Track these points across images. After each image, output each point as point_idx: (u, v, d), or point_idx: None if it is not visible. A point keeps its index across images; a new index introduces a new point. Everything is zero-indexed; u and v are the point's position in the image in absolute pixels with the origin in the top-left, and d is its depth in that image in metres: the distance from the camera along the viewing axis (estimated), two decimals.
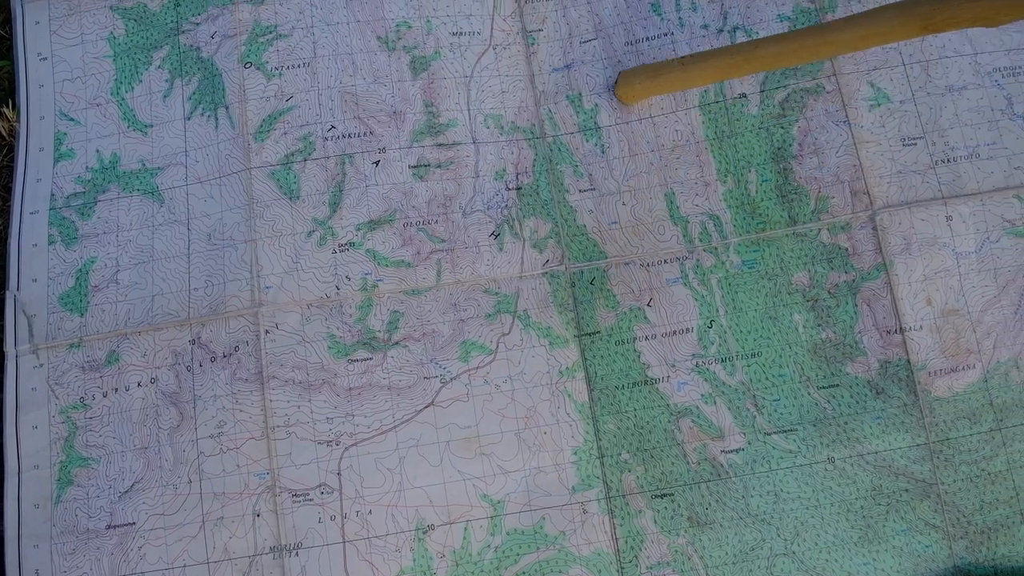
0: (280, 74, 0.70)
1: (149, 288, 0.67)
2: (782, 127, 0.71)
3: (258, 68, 0.70)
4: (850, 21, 0.56)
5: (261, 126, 0.69)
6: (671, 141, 0.71)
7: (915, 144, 0.70)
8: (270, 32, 0.71)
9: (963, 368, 0.67)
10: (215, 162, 0.69)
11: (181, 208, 0.68)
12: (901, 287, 0.68)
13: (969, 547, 0.65)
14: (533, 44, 0.74)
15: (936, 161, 0.70)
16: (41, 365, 0.66)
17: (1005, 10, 0.48)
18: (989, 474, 0.66)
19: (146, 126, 0.71)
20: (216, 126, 0.69)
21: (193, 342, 0.65)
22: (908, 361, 0.67)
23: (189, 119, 0.70)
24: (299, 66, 0.70)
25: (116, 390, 0.65)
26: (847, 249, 0.69)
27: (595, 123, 0.72)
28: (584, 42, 0.74)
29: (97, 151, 0.70)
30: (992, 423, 0.67)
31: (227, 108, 0.70)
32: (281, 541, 0.63)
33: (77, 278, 0.68)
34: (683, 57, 0.65)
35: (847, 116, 0.70)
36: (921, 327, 0.68)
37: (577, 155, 0.71)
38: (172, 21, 0.72)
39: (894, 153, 0.70)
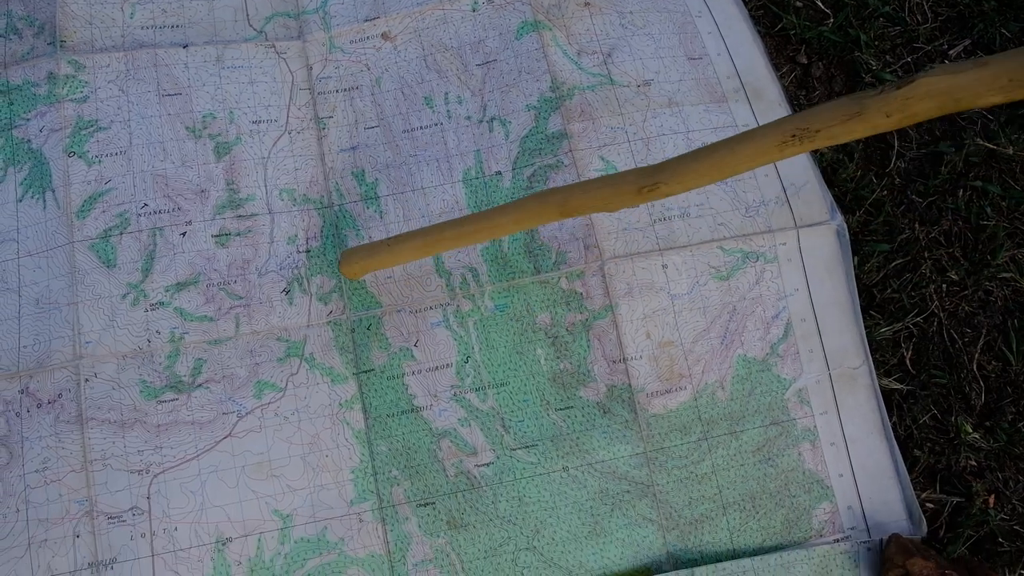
0: (100, 161, 0.83)
1: None
2: None
3: (80, 157, 0.83)
4: (504, 210, 0.69)
5: (83, 206, 0.81)
6: (439, 208, 0.86)
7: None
8: (92, 126, 0.84)
9: (676, 390, 0.82)
10: (43, 238, 0.81)
11: (13, 278, 0.80)
12: (625, 324, 0.83)
13: (680, 536, 0.79)
14: (324, 129, 0.88)
15: (654, 220, 0.86)
16: None
17: (614, 203, 0.63)
18: (696, 476, 0.81)
19: None
20: (44, 207, 0.82)
21: (22, 392, 0.77)
22: (630, 385, 0.82)
23: (20, 201, 0.82)
24: (117, 154, 0.83)
25: None
26: (581, 294, 0.83)
27: (376, 193, 0.86)
28: (368, 128, 0.88)
29: None
30: (700, 434, 0.82)
31: (53, 192, 0.82)
32: (98, 558, 0.74)
33: None
34: (389, 239, 0.77)
35: None
36: (641, 357, 0.83)
37: (359, 220, 0.85)
38: (6, 118, 0.84)
39: (620, 213, 0.85)
